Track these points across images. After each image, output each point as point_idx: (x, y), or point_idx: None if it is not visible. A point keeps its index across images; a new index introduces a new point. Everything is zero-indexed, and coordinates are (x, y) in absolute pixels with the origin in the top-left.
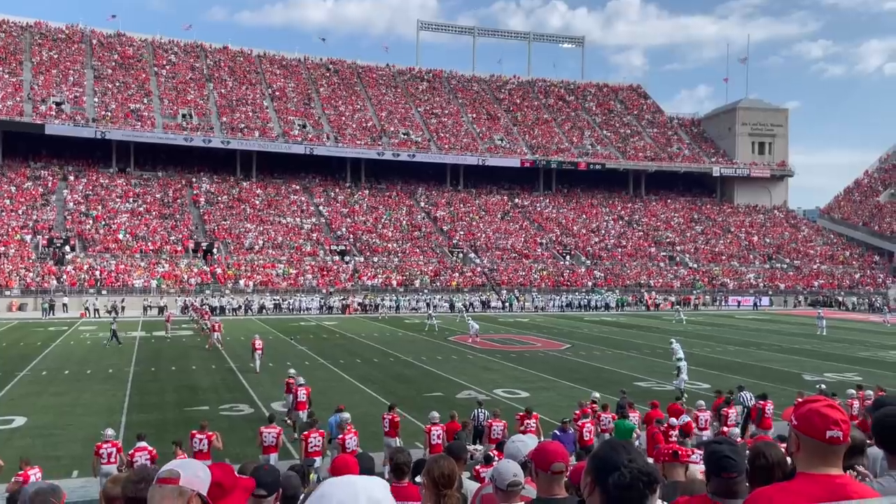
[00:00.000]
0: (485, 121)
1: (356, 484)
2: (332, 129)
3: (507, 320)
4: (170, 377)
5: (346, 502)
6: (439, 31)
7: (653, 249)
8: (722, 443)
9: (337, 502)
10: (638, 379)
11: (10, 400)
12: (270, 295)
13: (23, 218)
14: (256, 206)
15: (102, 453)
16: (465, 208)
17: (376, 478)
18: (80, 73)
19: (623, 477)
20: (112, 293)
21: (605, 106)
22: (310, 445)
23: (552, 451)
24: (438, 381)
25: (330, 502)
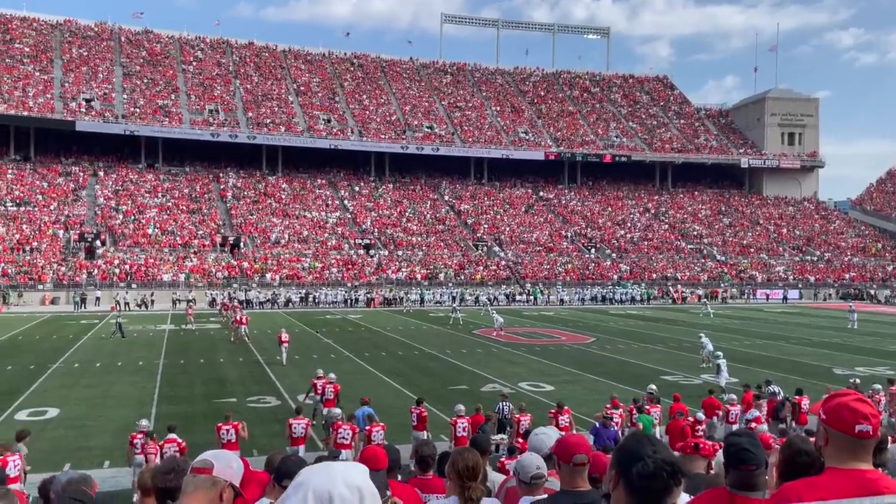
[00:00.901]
0: (509, 113)
1: (333, 469)
2: (357, 123)
3: (532, 314)
4: (198, 369)
5: (322, 487)
6: (463, 24)
7: (680, 242)
8: (741, 435)
9: (313, 487)
10: (664, 373)
11: (44, 391)
12: (296, 288)
13: (55, 213)
14: (282, 200)
15: (136, 443)
16: (489, 202)
17: (356, 463)
18: (109, 71)
19: (646, 466)
20: (142, 287)
21: (630, 97)
22: (339, 437)
23: (574, 443)
24: (463, 374)
25: (307, 488)
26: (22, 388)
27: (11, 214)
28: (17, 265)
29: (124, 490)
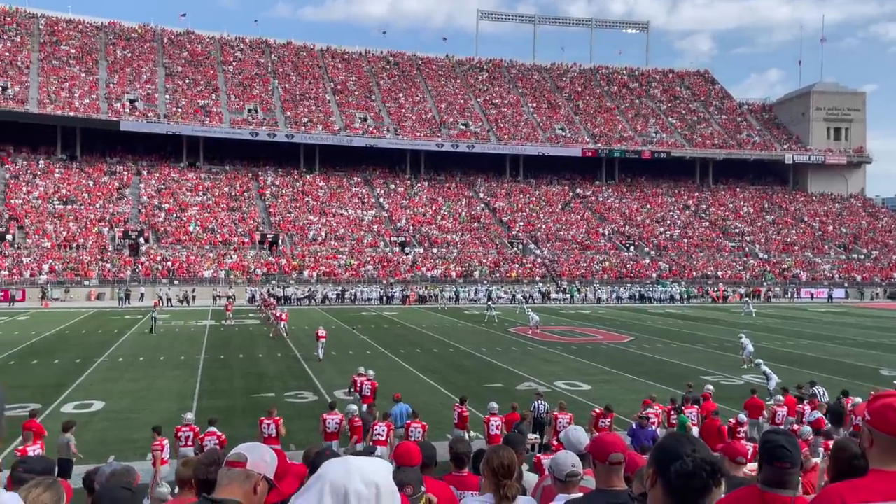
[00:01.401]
0: (545, 110)
1: (352, 464)
2: (393, 121)
3: (568, 312)
4: (238, 364)
5: (339, 481)
6: (499, 21)
7: (721, 240)
8: (779, 433)
9: (330, 481)
10: (704, 373)
11: (90, 385)
12: (333, 285)
13: (100, 211)
14: (319, 198)
15: (181, 436)
16: (524, 199)
17: (379, 460)
18: (152, 71)
19: (685, 465)
20: (183, 283)
21: (670, 92)
22: (374, 434)
23: (610, 442)
24: (498, 372)
25: (324, 481)
26: (68, 382)
27: (59, 212)
28: (65, 262)
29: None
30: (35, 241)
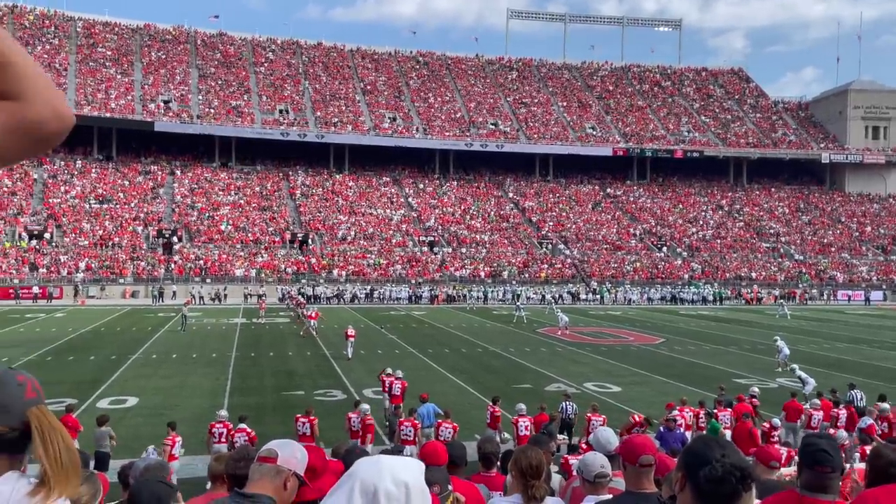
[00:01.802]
0: (576, 109)
1: (383, 463)
2: (422, 121)
3: (598, 313)
4: (268, 362)
5: (369, 480)
6: (529, 20)
7: (755, 240)
8: (821, 437)
9: (360, 480)
10: (737, 375)
11: (124, 381)
12: (362, 284)
13: (135, 210)
14: (349, 197)
15: (215, 432)
16: (554, 198)
17: (411, 459)
18: (186, 73)
19: (714, 470)
20: (216, 281)
21: (703, 91)
22: (402, 433)
23: (640, 444)
24: (527, 372)
25: (355, 480)
26: (104, 378)
27: (95, 211)
28: (100, 260)
29: (198, 478)
30: (72, 239)
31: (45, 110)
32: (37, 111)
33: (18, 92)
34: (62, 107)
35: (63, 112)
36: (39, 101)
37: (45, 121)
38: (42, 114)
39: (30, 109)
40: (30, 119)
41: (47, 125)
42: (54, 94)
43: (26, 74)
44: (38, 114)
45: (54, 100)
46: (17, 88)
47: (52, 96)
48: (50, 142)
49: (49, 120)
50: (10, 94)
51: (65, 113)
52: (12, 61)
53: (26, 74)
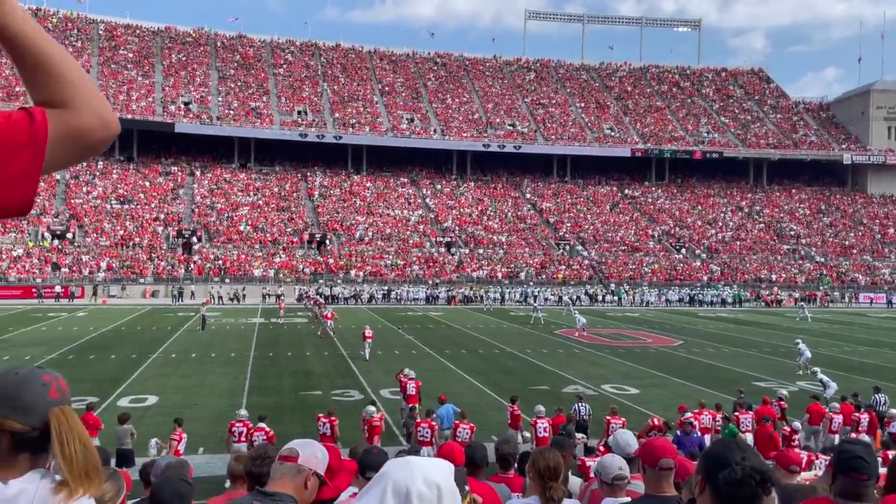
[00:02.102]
0: (594, 110)
1: (414, 464)
2: (439, 122)
3: (616, 315)
4: (286, 362)
5: (401, 481)
6: (547, 20)
7: (775, 242)
8: (856, 443)
9: (393, 481)
10: (756, 378)
11: (144, 380)
12: (379, 285)
13: (155, 211)
14: (367, 198)
15: (234, 431)
16: (572, 200)
17: (440, 460)
18: (206, 74)
19: (734, 473)
20: (234, 282)
21: (723, 91)
22: (419, 434)
23: (660, 447)
24: (544, 374)
25: (387, 481)
26: (124, 377)
27: (116, 212)
28: (121, 260)
29: (217, 476)
30: (94, 239)
31: (93, 118)
32: (85, 119)
33: (67, 100)
34: (109, 115)
35: (109, 120)
36: (87, 109)
37: (92, 129)
38: (90, 122)
39: (78, 117)
40: (78, 127)
41: (95, 133)
42: (101, 103)
43: (75, 83)
44: (86, 122)
45: (101, 108)
46: (66, 96)
47: (100, 105)
48: (96, 149)
49: (97, 128)
50: (59, 102)
51: (111, 121)
52: (62, 70)
53: (75, 83)
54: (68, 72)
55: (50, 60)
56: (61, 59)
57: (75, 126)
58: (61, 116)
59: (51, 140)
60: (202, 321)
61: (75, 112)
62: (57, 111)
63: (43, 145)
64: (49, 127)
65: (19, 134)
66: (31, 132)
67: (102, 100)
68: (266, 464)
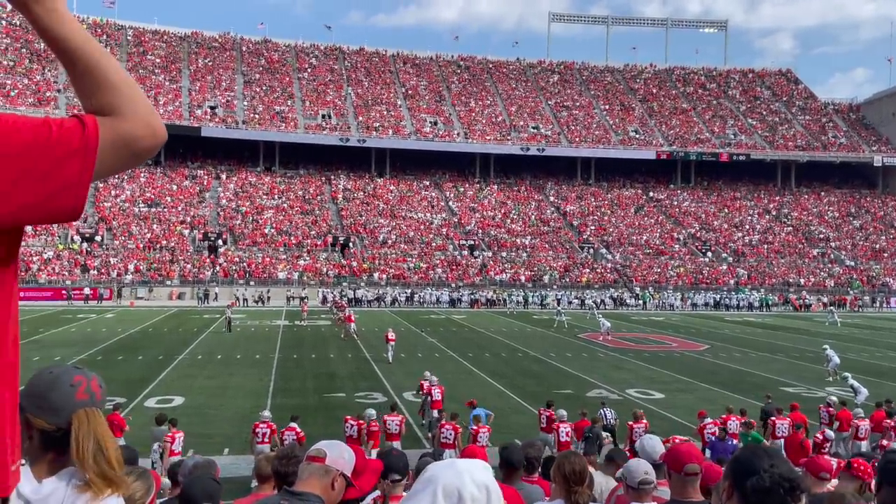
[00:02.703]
0: (618, 112)
1: (459, 466)
2: (462, 125)
3: (641, 319)
4: (310, 364)
5: (452, 484)
6: (571, 22)
7: (804, 246)
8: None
9: (443, 484)
10: (784, 384)
11: (171, 381)
12: (402, 288)
13: (182, 214)
14: (390, 201)
15: (258, 433)
16: (596, 203)
17: (481, 462)
18: (231, 79)
19: (762, 481)
20: (259, 284)
21: (750, 93)
22: (442, 436)
23: (685, 452)
24: (568, 378)
25: (436, 485)
26: (151, 378)
27: (143, 215)
28: (148, 262)
29: (242, 477)
30: (122, 242)
31: (141, 126)
32: (133, 127)
33: (116, 107)
34: (156, 123)
35: (157, 127)
36: (135, 117)
37: (140, 136)
38: (138, 130)
39: (127, 125)
40: (127, 134)
41: (143, 141)
42: (149, 111)
43: (123, 91)
44: (135, 130)
45: (149, 116)
46: (115, 104)
47: (148, 112)
48: (143, 156)
49: (145, 136)
50: (108, 110)
51: (158, 129)
52: (111, 78)
53: (123, 91)
54: (117, 80)
55: (98, 67)
56: (110, 67)
57: (124, 133)
58: (111, 124)
59: (101, 147)
60: (227, 323)
61: (124, 120)
62: (107, 119)
63: (94, 152)
64: (100, 134)
65: (72, 141)
66: (84, 139)
67: (151, 108)
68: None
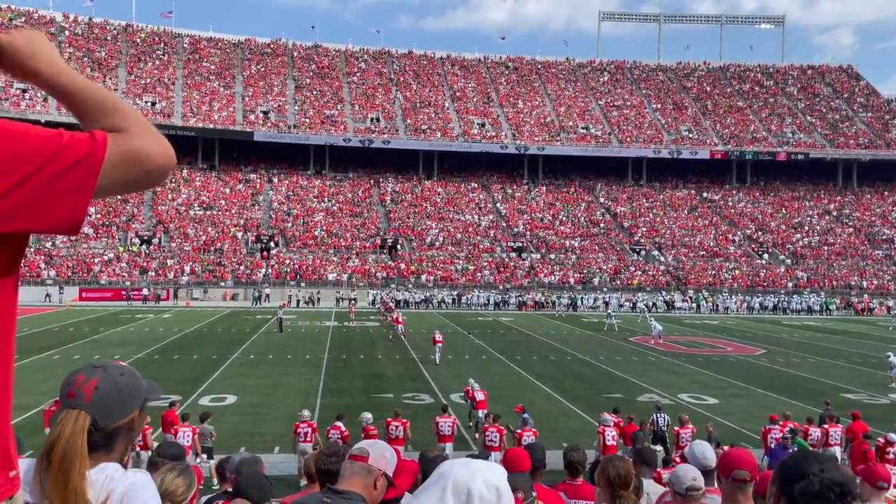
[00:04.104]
0: (670, 111)
1: (473, 465)
2: (511, 126)
3: (694, 322)
4: (359, 365)
5: (462, 481)
6: (622, 21)
7: (866, 247)
8: None
9: (453, 480)
10: (845, 390)
11: (224, 379)
12: (449, 290)
13: (236, 217)
14: (437, 204)
15: (300, 432)
16: (647, 203)
17: (496, 464)
18: (283, 84)
19: (811, 485)
20: (310, 285)
21: (809, 90)
22: (487, 439)
23: (736, 457)
24: (617, 382)
25: (447, 480)
26: (205, 376)
27: (198, 218)
28: (203, 264)
29: (291, 475)
30: (178, 244)
31: (150, 143)
32: (143, 144)
33: (125, 127)
34: (165, 144)
35: (167, 148)
36: (144, 135)
37: (150, 153)
38: (147, 146)
39: (136, 141)
40: (137, 149)
41: (153, 157)
42: (157, 133)
43: (130, 114)
44: (144, 146)
45: (157, 137)
46: (124, 125)
47: (156, 134)
48: (154, 175)
49: (155, 153)
50: (117, 129)
51: (168, 149)
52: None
53: (130, 114)
54: (123, 106)
55: (105, 98)
56: (115, 97)
57: (134, 149)
58: (121, 139)
59: (109, 160)
60: (279, 324)
61: (134, 137)
62: (117, 135)
63: (100, 161)
64: (108, 147)
65: (80, 149)
66: (91, 148)
67: (157, 132)
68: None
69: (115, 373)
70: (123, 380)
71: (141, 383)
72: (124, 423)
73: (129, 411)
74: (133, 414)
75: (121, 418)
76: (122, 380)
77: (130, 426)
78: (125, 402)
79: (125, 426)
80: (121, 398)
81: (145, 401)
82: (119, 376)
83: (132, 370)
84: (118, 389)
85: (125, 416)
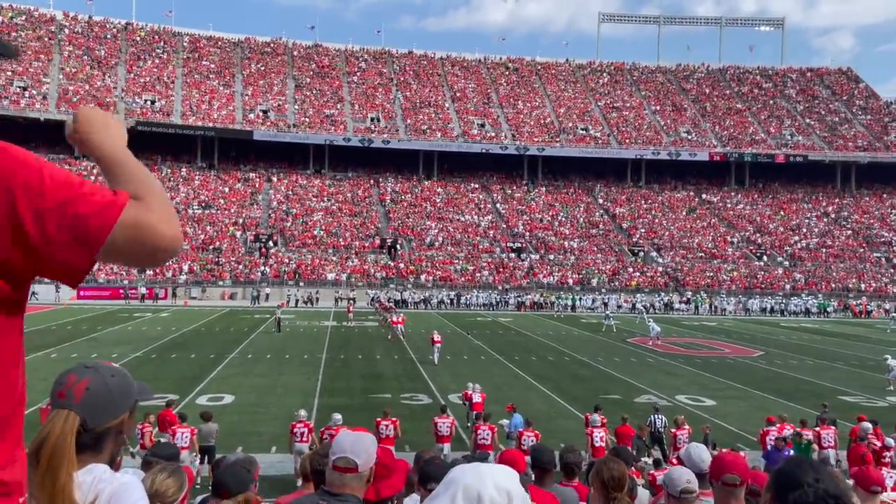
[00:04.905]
0: (669, 113)
1: (483, 470)
2: (510, 127)
3: (693, 324)
4: (357, 365)
5: (472, 486)
6: (622, 23)
7: (864, 250)
8: None
9: (463, 486)
10: (843, 392)
11: (222, 379)
12: (448, 290)
13: (234, 216)
14: (437, 204)
15: (296, 432)
16: (646, 205)
17: (506, 467)
18: (283, 83)
19: (805, 496)
20: (308, 285)
21: (808, 92)
22: (479, 438)
23: (728, 462)
24: (616, 383)
25: (457, 486)
26: (203, 376)
27: (197, 216)
28: (201, 263)
29: (288, 475)
30: None
31: (165, 222)
32: (155, 216)
33: (142, 196)
34: (178, 231)
35: (178, 234)
36: (159, 208)
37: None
38: (158, 220)
39: (152, 215)
40: (148, 220)
41: (159, 230)
42: (175, 220)
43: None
44: (155, 218)
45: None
46: (141, 194)
47: (174, 219)
48: (158, 251)
49: (163, 229)
50: (136, 196)
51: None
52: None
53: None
54: (152, 182)
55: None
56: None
57: (145, 218)
58: (137, 207)
59: (123, 222)
60: (277, 323)
61: (148, 208)
62: (135, 202)
63: (114, 217)
64: (124, 209)
65: (101, 199)
66: (112, 200)
67: (175, 217)
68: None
69: (107, 374)
70: (114, 381)
71: (132, 385)
72: (114, 424)
73: (119, 413)
74: (123, 416)
75: (111, 420)
76: (113, 381)
77: (120, 428)
78: (116, 404)
79: (115, 428)
80: (111, 399)
81: (136, 403)
82: (110, 378)
83: (124, 371)
84: (109, 391)
85: (115, 417)
